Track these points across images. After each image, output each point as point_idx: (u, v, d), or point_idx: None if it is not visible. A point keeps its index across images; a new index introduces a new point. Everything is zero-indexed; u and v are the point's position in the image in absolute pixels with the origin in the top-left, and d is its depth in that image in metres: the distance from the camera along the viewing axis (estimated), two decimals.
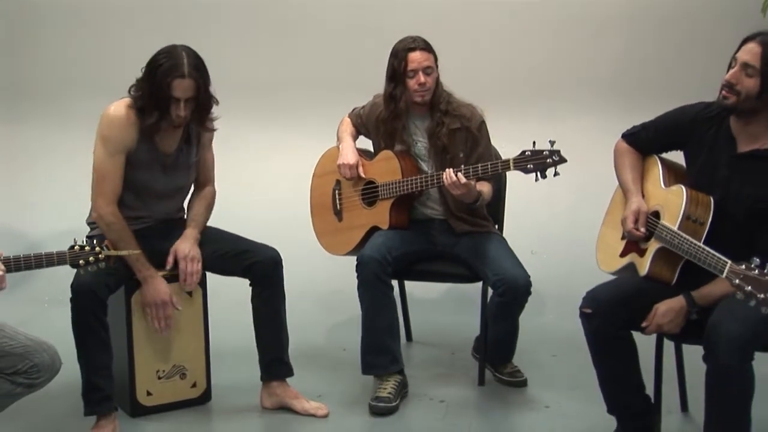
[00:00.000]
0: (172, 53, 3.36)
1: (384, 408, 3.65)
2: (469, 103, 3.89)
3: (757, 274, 2.67)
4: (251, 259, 3.58)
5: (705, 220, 3.01)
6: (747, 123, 3.02)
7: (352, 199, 4.03)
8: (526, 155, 3.50)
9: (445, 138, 3.81)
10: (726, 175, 3.06)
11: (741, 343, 2.79)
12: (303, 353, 4.04)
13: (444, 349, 4.37)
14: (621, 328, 3.11)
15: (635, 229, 3.16)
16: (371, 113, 4.00)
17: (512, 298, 3.68)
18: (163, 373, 3.64)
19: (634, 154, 3.35)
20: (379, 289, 3.73)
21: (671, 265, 3.10)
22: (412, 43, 3.79)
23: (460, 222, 3.90)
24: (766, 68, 2.90)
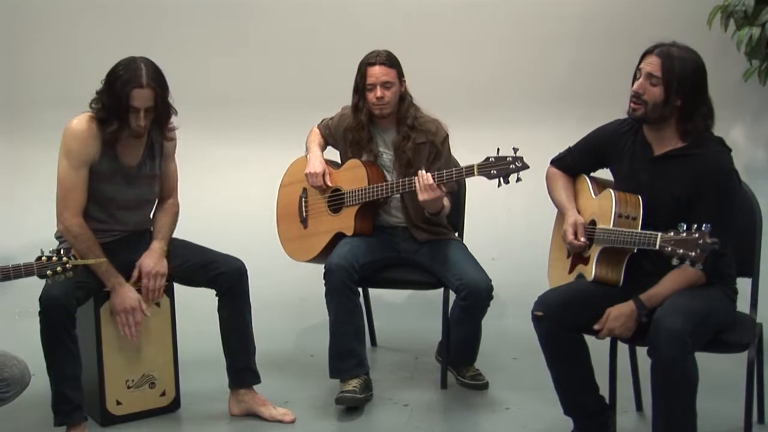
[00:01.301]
0: (131, 65, 3.39)
1: (350, 399, 3.71)
2: (434, 118, 3.97)
3: (685, 235, 2.87)
4: (217, 270, 3.61)
5: (637, 215, 3.17)
6: (658, 129, 3.19)
7: (318, 207, 4.07)
8: (490, 161, 3.57)
9: (411, 152, 3.88)
10: (646, 178, 3.21)
11: (682, 336, 2.90)
12: (270, 360, 4.07)
13: (408, 354, 4.42)
14: (572, 331, 3.20)
15: (575, 239, 3.27)
16: (339, 124, 4.05)
17: (474, 302, 3.74)
18: (133, 383, 3.66)
19: (565, 177, 3.52)
20: (346, 296, 3.77)
21: (615, 265, 3.22)
22: (373, 58, 3.87)
23: (421, 231, 3.96)
24: (666, 76, 3.08)
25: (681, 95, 3.10)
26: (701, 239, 2.85)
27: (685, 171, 3.13)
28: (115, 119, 3.40)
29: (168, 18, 5.69)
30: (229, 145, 5.69)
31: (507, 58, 5.55)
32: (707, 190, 3.09)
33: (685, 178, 3.12)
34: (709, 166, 3.11)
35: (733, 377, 3.54)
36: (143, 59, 3.43)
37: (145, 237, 3.68)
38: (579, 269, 3.34)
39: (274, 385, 3.89)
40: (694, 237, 2.86)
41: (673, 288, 3.10)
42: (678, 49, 3.13)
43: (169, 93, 3.48)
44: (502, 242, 5.21)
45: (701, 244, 2.84)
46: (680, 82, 3.08)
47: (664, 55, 3.10)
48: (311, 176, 3.99)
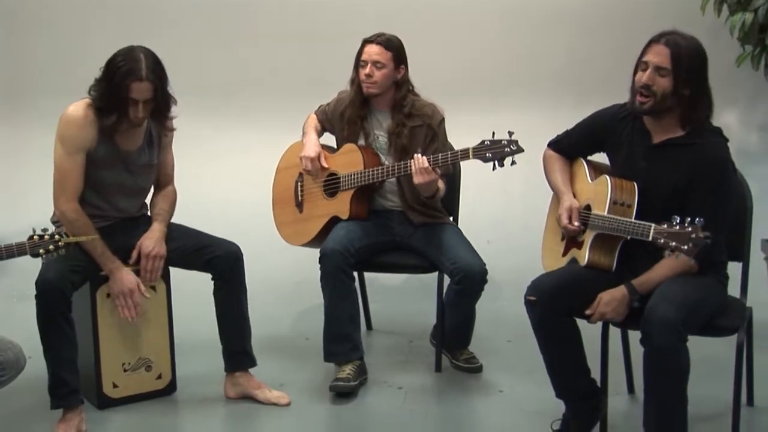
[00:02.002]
0: (130, 55, 3.37)
1: (344, 387, 3.72)
2: (431, 102, 3.97)
3: (679, 228, 2.87)
4: (212, 254, 3.62)
5: (632, 202, 3.16)
6: (660, 119, 3.18)
7: (314, 191, 4.08)
8: (485, 144, 3.57)
9: (406, 139, 3.89)
10: (644, 165, 3.21)
11: (675, 325, 2.91)
12: (266, 343, 4.09)
13: (402, 337, 4.44)
14: (564, 315, 3.21)
15: (570, 224, 3.28)
16: (336, 109, 4.07)
17: (468, 286, 3.76)
18: (129, 366, 3.67)
19: (562, 159, 3.52)
20: (341, 280, 3.78)
21: (608, 251, 3.23)
22: (373, 37, 3.90)
23: (417, 213, 3.97)
24: (676, 67, 3.06)
25: (689, 85, 3.08)
26: (694, 233, 2.85)
27: (683, 160, 3.13)
28: (113, 111, 3.40)
29: (168, 5, 5.68)
30: (226, 132, 5.69)
31: (502, 45, 5.55)
32: (704, 179, 3.08)
33: (683, 167, 3.12)
34: (707, 156, 3.10)
35: (722, 360, 3.56)
36: (142, 49, 3.41)
37: (141, 222, 3.69)
38: (572, 253, 3.35)
39: (270, 368, 3.90)
40: (687, 231, 2.86)
41: (665, 275, 3.11)
42: (683, 38, 3.10)
43: (168, 83, 3.47)
44: (497, 226, 5.23)
45: (694, 238, 2.84)
46: (688, 71, 3.07)
47: (672, 44, 3.07)
48: (306, 159, 3.99)
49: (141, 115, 3.42)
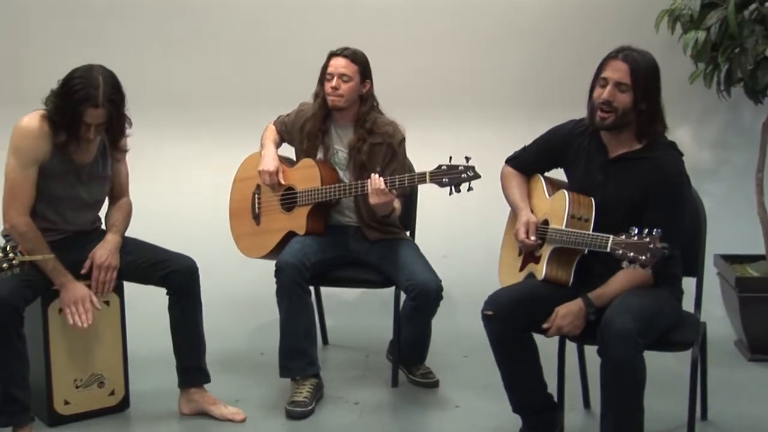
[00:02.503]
0: (88, 78, 3.32)
1: (300, 413, 3.69)
2: (392, 120, 3.99)
3: (637, 239, 2.91)
4: (168, 269, 3.59)
5: (589, 217, 3.20)
6: (617, 133, 3.23)
7: (271, 204, 4.06)
8: (443, 169, 3.60)
9: (365, 155, 3.90)
10: (601, 179, 3.25)
11: (632, 336, 2.95)
12: (220, 359, 4.06)
13: (359, 352, 4.43)
14: (521, 330, 3.23)
15: (527, 238, 3.30)
16: (296, 120, 4.06)
17: (424, 302, 3.76)
18: (81, 382, 3.62)
19: (519, 176, 3.55)
20: (297, 294, 3.76)
21: (566, 265, 3.26)
22: (339, 50, 3.92)
23: (373, 230, 3.98)
24: (635, 82, 3.12)
25: (646, 99, 3.14)
26: (652, 243, 2.88)
27: (639, 174, 3.17)
28: (64, 130, 3.36)
29: (120, 15, 5.63)
30: (180, 143, 5.64)
31: (458, 58, 5.56)
32: (659, 193, 3.13)
33: (639, 181, 3.17)
34: (662, 169, 3.15)
35: (674, 375, 3.61)
36: (101, 70, 3.36)
37: (94, 236, 3.64)
38: (530, 268, 3.37)
39: (225, 384, 3.87)
40: (645, 241, 2.90)
41: (621, 287, 3.14)
42: (639, 54, 3.16)
43: (126, 105, 3.43)
44: (453, 240, 5.24)
45: (652, 248, 2.88)
46: (646, 86, 3.13)
47: (630, 60, 3.13)
48: (264, 174, 3.98)
49: (92, 137, 3.41)
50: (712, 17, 4.15)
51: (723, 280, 4.39)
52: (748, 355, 4.26)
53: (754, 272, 4.31)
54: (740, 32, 4.07)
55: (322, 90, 3.93)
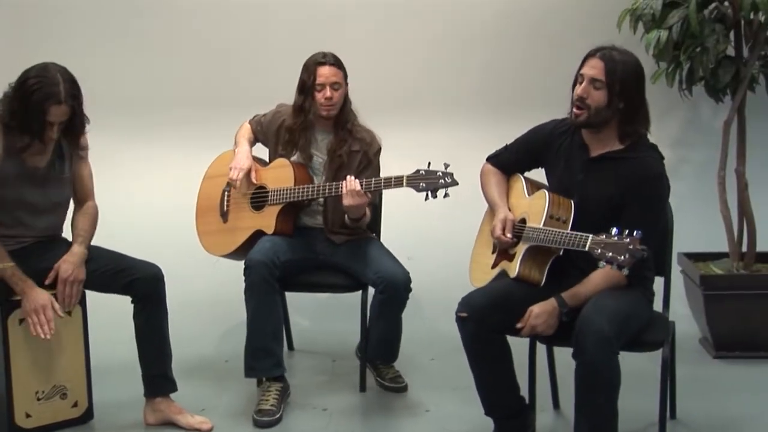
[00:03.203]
0: (46, 77, 3.28)
1: (267, 422, 3.67)
2: (370, 129, 4.02)
3: (616, 240, 2.91)
4: (132, 276, 3.55)
5: (567, 218, 3.21)
6: (598, 132, 3.25)
7: (241, 202, 4.04)
8: (420, 174, 3.61)
9: (345, 157, 3.92)
10: (581, 179, 3.26)
11: (608, 338, 2.95)
12: (186, 366, 4.02)
13: (325, 357, 4.41)
14: (495, 332, 3.23)
15: (503, 235, 3.30)
16: (273, 121, 4.06)
17: (393, 294, 3.78)
18: (43, 394, 3.56)
19: (499, 174, 3.56)
20: (266, 292, 3.75)
21: (540, 265, 3.27)
22: (322, 58, 3.90)
23: (337, 235, 3.99)
24: (610, 79, 3.14)
25: (623, 98, 3.15)
26: (632, 245, 2.89)
27: (619, 174, 3.18)
28: (26, 132, 3.31)
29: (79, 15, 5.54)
30: (140, 147, 5.57)
31: (425, 60, 5.56)
32: (638, 194, 3.14)
33: (619, 181, 3.18)
34: (643, 170, 3.16)
35: (642, 374, 3.63)
36: (57, 68, 3.32)
37: (57, 244, 3.59)
38: (503, 265, 3.36)
39: (190, 392, 3.83)
40: (625, 242, 2.90)
41: (594, 288, 3.16)
42: (619, 53, 3.18)
43: (83, 101, 3.39)
44: (417, 242, 5.22)
45: (631, 249, 2.89)
46: (623, 84, 3.14)
47: (607, 58, 3.15)
48: (235, 170, 3.97)
49: (55, 137, 3.37)
50: (673, 16, 4.18)
51: (687, 278, 4.44)
52: (713, 353, 4.32)
53: (718, 270, 4.36)
54: (701, 31, 4.11)
55: (310, 101, 3.91)
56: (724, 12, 4.27)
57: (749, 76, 4.30)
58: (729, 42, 4.26)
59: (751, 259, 4.38)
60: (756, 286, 4.25)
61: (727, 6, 4.25)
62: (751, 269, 4.36)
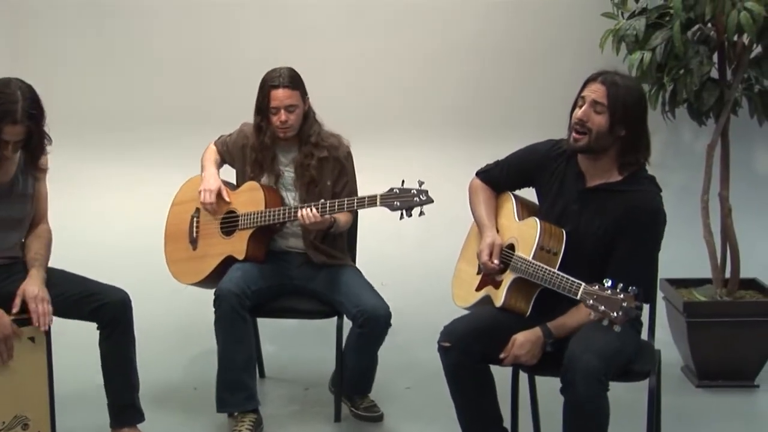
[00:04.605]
0: (5, 93, 3.22)
1: None
2: (336, 133, 3.97)
3: (610, 294, 2.85)
4: (99, 302, 3.48)
5: (558, 250, 3.15)
6: (596, 159, 3.19)
7: (210, 228, 3.99)
8: (394, 192, 3.56)
9: (314, 170, 3.88)
10: (576, 209, 3.21)
11: (598, 375, 2.92)
12: (154, 395, 3.96)
13: (298, 385, 4.34)
14: (478, 361, 3.19)
15: (490, 261, 3.24)
16: (237, 141, 4.02)
17: (373, 329, 3.72)
18: (3, 426, 3.46)
19: (488, 191, 3.49)
20: (237, 323, 3.70)
21: (526, 296, 3.22)
22: (276, 80, 3.83)
23: (319, 253, 3.93)
24: (612, 104, 3.08)
25: (625, 125, 3.10)
26: (626, 302, 2.83)
27: (615, 206, 3.14)
28: None
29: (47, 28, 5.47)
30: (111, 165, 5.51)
31: (397, 77, 5.54)
32: (633, 230, 3.10)
33: (614, 214, 3.13)
34: (638, 204, 3.12)
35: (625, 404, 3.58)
36: (19, 85, 3.26)
37: (15, 268, 3.50)
38: (487, 290, 3.32)
39: (158, 421, 3.76)
40: (620, 298, 2.84)
41: (581, 319, 3.11)
42: (622, 78, 3.14)
43: (45, 121, 3.32)
44: (392, 267, 5.19)
45: (625, 307, 2.82)
46: (625, 110, 3.09)
47: (609, 82, 3.11)
48: (206, 193, 3.92)
49: (10, 155, 3.31)
50: (657, 37, 4.19)
51: (669, 304, 4.42)
52: (696, 382, 4.30)
53: (701, 296, 4.35)
54: (685, 53, 4.11)
55: (266, 123, 3.87)
56: (708, 34, 4.29)
57: (733, 99, 4.30)
58: (713, 64, 4.27)
59: (735, 286, 4.37)
60: (740, 313, 4.24)
61: (710, 28, 4.26)
62: (734, 296, 4.36)
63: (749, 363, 4.26)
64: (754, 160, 5.35)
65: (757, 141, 5.24)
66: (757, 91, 4.40)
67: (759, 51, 4.31)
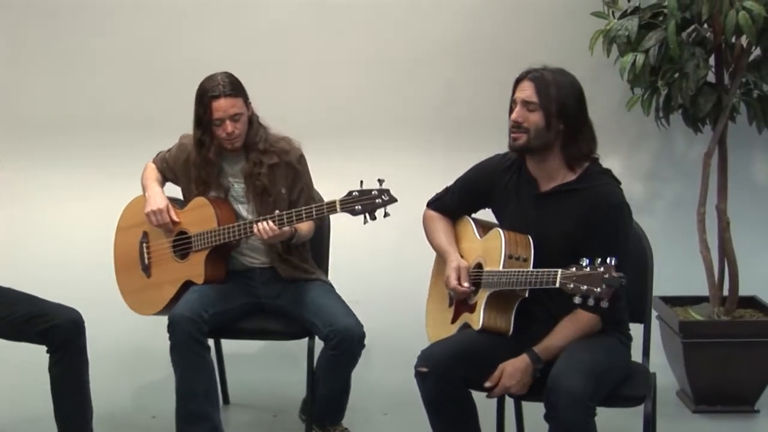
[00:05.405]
0: None
1: None
2: (285, 136, 3.94)
3: (589, 270, 2.89)
4: (49, 323, 3.44)
5: (527, 256, 3.19)
6: (543, 161, 3.25)
7: (162, 253, 3.94)
8: (354, 196, 3.52)
9: (265, 178, 3.84)
10: (535, 215, 3.26)
11: (583, 399, 2.92)
12: (108, 424, 3.93)
13: (265, 412, 4.32)
14: (459, 388, 3.19)
15: (459, 285, 3.27)
16: (178, 156, 3.98)
17: (346, 350, 3.70)
18: None
19: (444, 219, 3.54)
20: (194, 350, 3.67)
21: (505, 312, 3.23)
22: (216, 89, 3.78)
23: (287, 266, 3.91)
24: (543, 99, 3.17)
25: (562, 118, 3.17)
26: (607, 273, 2.86)
27: (574, 206, 3.18)
28: None
29: None
30: (61, 173, 5.46)
31: (370, 82, 5.53)
32: (598, 225, 3.14)
33: (575, 215, 3.18)
34: (599, 200, 3.17)
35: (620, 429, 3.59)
36: None
37: None
38: (464, 318, 3.32)
39: None
40: (599, 271, 2.88)
41: (567, 337, 3.13)
42: (551, 72, 3.22)
43: None
44: (366, 283, 5.17)
45: (608, 278, 2.86)
46: (559, 104, 3.16)
47: (537, 79, 3.19)
48: (154, 214, 3.87)
49: None
50: (650, 39, 4.20)
51: (664, 324, 4.43)
52: (692, 407, 4.30)
53: (698, 315, 4.36)
54: (680, 55, 4.13)
55: (209, 136, 3.83)
56: (704, 35, 4.30)
57: (731, 105, 4.32)
58: (710, 67, 4.28)
59: (733, 304, 4.38)
60: (739, 333, 4.25)
61: (707, 28, 4.28)
62: (733, 315, 4.37)
63: (749, 387, 4.27)
64: (753, 169, 5.38)
65: (756, 149, 5.27)
66: (756, 97, 4.44)
67: (758, 54, 4.34)
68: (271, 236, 3.63)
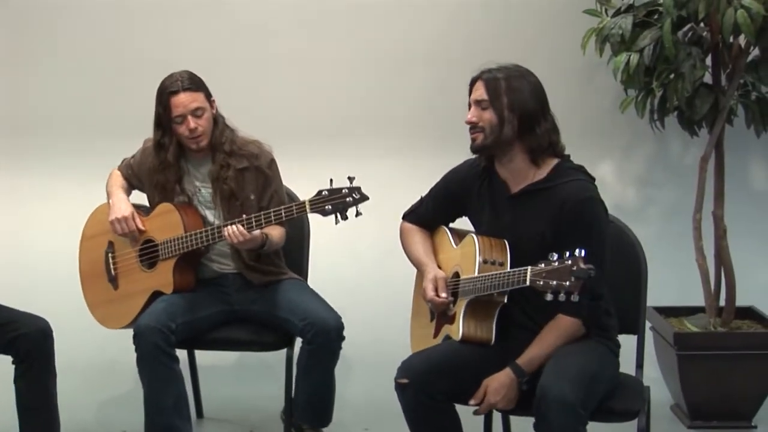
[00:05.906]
0: None
1: None
2: (255, 139, 3.95)
3: (557, 265, 2.92)
4: (15, 332, 3.45)
5: (504, 260, 3.23)
6: (509, 161, 3.29)
7: (129, 262, 3.95)
8: (324, 195, 3.54)
9: (233, 182, 3.85)
10: (508, 219, 3.29)
11: (573, 406, 2.94)
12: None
13: (241, 427, 4.33)
14: (441, 400, 3.20)
15: (437, 296, 3.30)
16: (143, 161, 3.99)
17: (324, 342, 3.72)
18: None
19: (421, 231, 3.58)
20: (161, 361, 3.68)
21: (485, 320, 3.25)
22: (175, 85, 3.80)
23: (257, 273, 3.93)
24: (492, 96, 3.24)
25: (516, 111, 3.22)
26: (575, 266, 2.89)
27: (546, 205, 3.21)
28: None
29: None
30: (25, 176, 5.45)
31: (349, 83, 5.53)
32: (571, 222, 3.16)
33: (547, 214, 3.20)
34: (570, 197, 3.19)
35: None
36: None
37: None
38: (445, 330, 3.35)
39: None
40: (567, 264, 2.90)
41: (550, 345, 3.15)
42: (501, 69, 3.29)
43: None
44: (348, 292, 5.16)
45: (575, 270, 2.88)
46: (510, 98, 3.22)
47: (487, 78, 3.27)
48: (119, 222, 3.88)
49: None
50: (645, 38, 4.22)
51: (658, 335, 4.45)
52: (687, 422, 4.32)
53: (693, 327, 4.37)
54: (676, 55, 4.14)
55: (169, 137, 3.84)
56: (701, 34, 4.33)
57: (728, 107, 4.35)
58: (706, 68, 4.31)
59: (730, 315, 4.41)
60: (736, 345, 4.26)
61: (704, 27, 4.30)
62: (730, 326, 4.39)
63: (746, 401, 4.29)
64: (751, 174, 5.40)
65: (754, 154, 5.28)
66: (755, 99, 4.46)
67: (757, 54, 4.36)
68: (241, 240, 3.64)
